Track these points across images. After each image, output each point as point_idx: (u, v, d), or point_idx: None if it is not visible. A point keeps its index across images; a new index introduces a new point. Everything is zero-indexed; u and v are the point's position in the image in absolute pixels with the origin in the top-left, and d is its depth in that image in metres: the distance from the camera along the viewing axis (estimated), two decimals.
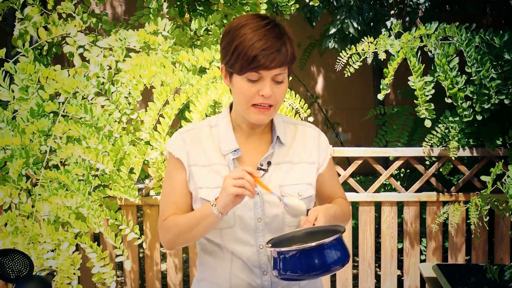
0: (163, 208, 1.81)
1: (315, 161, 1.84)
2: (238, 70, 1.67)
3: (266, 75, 1.66)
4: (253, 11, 3.46)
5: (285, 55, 1.66)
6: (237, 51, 1.65)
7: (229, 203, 1.62)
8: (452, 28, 3.17)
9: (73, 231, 2.85)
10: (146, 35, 3.20)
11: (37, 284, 1.74)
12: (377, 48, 3.26)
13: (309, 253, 1.55)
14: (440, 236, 3.52)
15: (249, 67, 1.65)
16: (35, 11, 3.36)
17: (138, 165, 2.97)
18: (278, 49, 1.64)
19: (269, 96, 1.67)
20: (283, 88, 1.71)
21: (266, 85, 1.67)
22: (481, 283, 2.48)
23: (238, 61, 1.66)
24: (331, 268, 1.56)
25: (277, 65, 1.65)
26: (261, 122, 1.74)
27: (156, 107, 2.97)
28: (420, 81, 3.12)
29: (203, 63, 3.16)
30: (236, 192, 1.59)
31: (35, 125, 2.89)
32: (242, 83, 1.69)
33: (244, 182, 1.59)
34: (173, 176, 1.80)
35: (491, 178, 3.08)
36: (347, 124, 6.62)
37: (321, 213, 1.69)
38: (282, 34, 1.67)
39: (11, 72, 3.07)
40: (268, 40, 1.64)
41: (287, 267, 1.57)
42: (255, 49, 1.63)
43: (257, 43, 1.63)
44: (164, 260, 4.48)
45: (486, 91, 3.17)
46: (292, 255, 1.56)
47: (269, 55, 1.63)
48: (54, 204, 2.79)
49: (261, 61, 1.63)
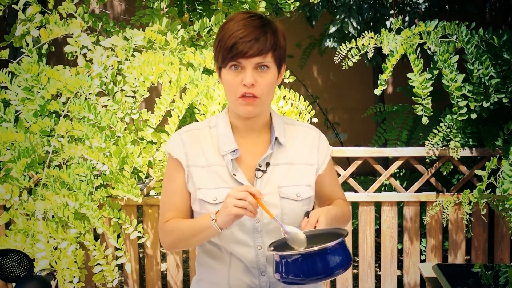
0: (163, 209, 1.82)
1: (315, 162, 1.84)
2: (221, 62, 1.70)
3: (246, 64, 1.67)
4: (252, 9, 3.47)
5: (263, 43, 1.66)
6: (219, 44, 1.69)
7: (229, 221, 1.63)
8: (452, 25, 3.18)
9: (70, 231, 2.86)
10: (153, 34, 3.21)
11: (37, 284, 1.75)
12: (377, 43, 3.26)
13: (312, 257, 1.54)
14: (440, 236, 3.52)
15: (228, 56, 1.67)
16: (36, 9, 3.36)
17: (144, 164, 2.98)
18: (256, 37, 1.66)
19: (250, 85, 1.68)
20: (267, 78, 1.70)
21: (247, 74, 1.67)
22: (481, 283, 2.48)
23: (220, 52, 1.69)
24: (334, 272, 1.56)
25: (255, 53, 1.66)
26: (249, 114, 1.73)
27: (166, 102, 2.97)
28: (421, 76, 3.13)
29: (209, 64, 3.17)
30: (238, 213, 1.60)
31: (38, 125, 2.90)
32: (227, 75, 1.71)
33: (246, 204, 1.59)
34: (172, 177, 1.80)
35: (486, 172, 3.09)
36: (347, 124, 6.62)
37: (322, 215, 1.69)
38: (264, 25, 1.69)
39: (15, 72, 3.08)
40: (246, 29, 1.66)
41: (289, 271, 1.56)
42: (233, 38, 1.65)
43: (235, 32, 1.66)
44: (164, 260, 4.48)
45: (484, 90, 3.17)
46: (295, 259, 1.55)
47: (247, 43, 1.65)
48: (54, 203, 2.79)
49: (239, 49, 1.65)
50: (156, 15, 3.48)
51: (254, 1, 3.45)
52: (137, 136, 3.10)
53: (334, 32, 4.19)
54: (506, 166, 3.08)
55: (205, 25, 3.41)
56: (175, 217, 1.79)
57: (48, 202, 2.78)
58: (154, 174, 3.10)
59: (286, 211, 1.77)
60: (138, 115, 3.09)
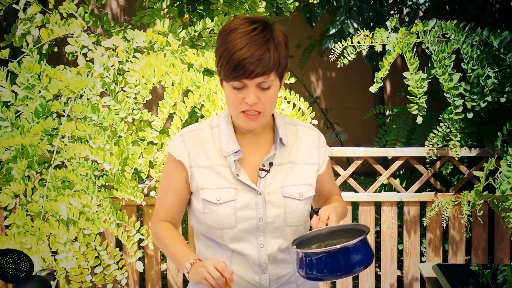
0: (158, 206, 1.86)
1: (315, 162, 1.86)
2: (224, 78, 1.68)
3: (249, 83, 1.66)
4: (252, 9, 3.47)
5: (267, 63, 1.64)
6: (222, 58, 1.66)
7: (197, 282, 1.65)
8: (449, 25, 3.17)
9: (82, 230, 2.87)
10: (154, 35, 3.20)
11: (37, 284, 1.75)
12: (373, 41, 3.25)
13: (336, 255, 1.59)
14: (440, 236, 3.52)
15: (231, 76, 1.65)
16: (37, 9, 3.36)
17: (145, 165, 2.98)
18: (259, 58, 1.62)
19: (253, 104, 1.67)
20: (270, 94, 1.69)
21: (250, 93, 1.66)
22: (481, 283, 2.48)
23: (223, 69, 1.67)
24: (356, 268, 1.61)
25: (258, 74, 1.64)
26: (251, 128, 1.74)
27: (168, 105, 2.97)
28: (417, 74, 3.12)
29: (210, 65, 3.16)
30: (205, 284, 1.62)
31: (41, 125, 2.90)
32: (229, 90, 1.70)
33: (214, 284, 1.60)
34: (171, 177, 1.81)
35: (484, 173, 3.09)
36: (347, 124, 6.62)
37: (332, 212, 1.73)
38: (267, 40, 1.65)
39: (15, 72, 3.08)
40: (250, 49, 1.62)
41: (313, 268, 1.61)
42: (235, 59, 1.62)
43: (238, 52, 1.62)
44: (164, 260, 4.48)
45: (480, 90, 3.17)
46: (319, 257, 1.60)
47: (250, 64, 1.62)
48: (67, 203, 2.80)
49: (241, 71, 1.63)
50: (156, 15, 3.48)
51: (254, 1, 3.45)
52: (138, 136, 3.11)
53: (335, 33, 4.18)
54: (504, 167, 3.08)
55: (207, 26, 3.41)
56: (166, 217, 1.83)
57: (62, 202, 2.79)
58: (155, 174, 3.10)
59: (289, 210, 1.78)
60: (140, 115, 3.09)
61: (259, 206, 1.76)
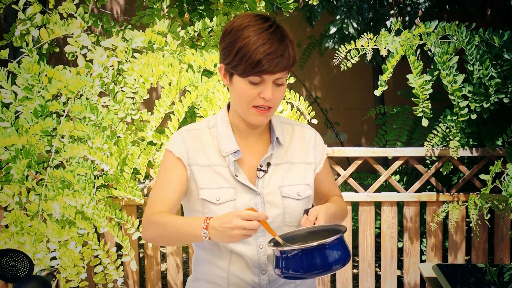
0: (151, 200, 1.78)
1: (312, 162, 1.86)
2: (241, 73, 1.67)
3: (268, 79, 1.67)
4: (252, 9, 3.47)
5: (287, 60, 1.67)
6: (240, 54, 1.66)
7: (229, 242, 1.61)
8: (452, 26, 3.17)
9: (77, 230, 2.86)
10: (153, 35, 3.20)
11: (37, 284, 1.74)
12: (377, 44, 3.26)
13: (311, 252, 1.57)
14: (440, 236, 3.52)
15: (252, 71, 1.65)
16: (36, 9, 3.36)
17: (143, 165, 2.98)
18: (281, 54, 1.65)
19: (270, 99, 1.69)
20: (282, 91, 1.73)
21: (267, 88, 1.68)
22: (481, 283, 2.48)
23: (241, 64, 1.66)
24: (332, 267, 1.59)
25: (280, 70, 1.66)
26: (260, 123, 1.75)
27: (165, 104, 2.97)
28: (420, 79, 3.12)
29: (209, 66, 3.16)
30: (241, 239, 1.58)
31: (40, 125, 2.90)
32: (243, 85, 1.69)
33: (252, 232, 1.58)
34: (168, 173, 1.79)
35: (491, 177, 3.08)
36: (347, 124, 6.61)
37: (321, 212, 1.70)
38: (284, 37, 1.68)
39: (15, 72, 3.08)
40: (272, 45, 1.64)
41: (289, 266, 1.59)
42: (259, 54, 1.63)
43: (261, 47, 1.64)
44: (164, 260, 4.48)
45: (484, 90, 3.17)
46: (294, 254, 1.58)
47: (273, 60, 1.64)
48: (61, 203, 2.80)
49: (264, 66, 1.64)
50: (156, 15, 3.48)
51: (254, 1, 3.45)
52: (137, 136, 3.11)
53: (334, 32, 4.18)
54: (511, 169, 3.08)
55: (206, 26, 3.41)
56: (160, 211, 1.75)
57: (56, 202, 2.79)
58: (155, 174, 3.10)
59: (287, 210, 1.78)
60: (139, 115, 3.09)
61: (258, 206, 1.76)
